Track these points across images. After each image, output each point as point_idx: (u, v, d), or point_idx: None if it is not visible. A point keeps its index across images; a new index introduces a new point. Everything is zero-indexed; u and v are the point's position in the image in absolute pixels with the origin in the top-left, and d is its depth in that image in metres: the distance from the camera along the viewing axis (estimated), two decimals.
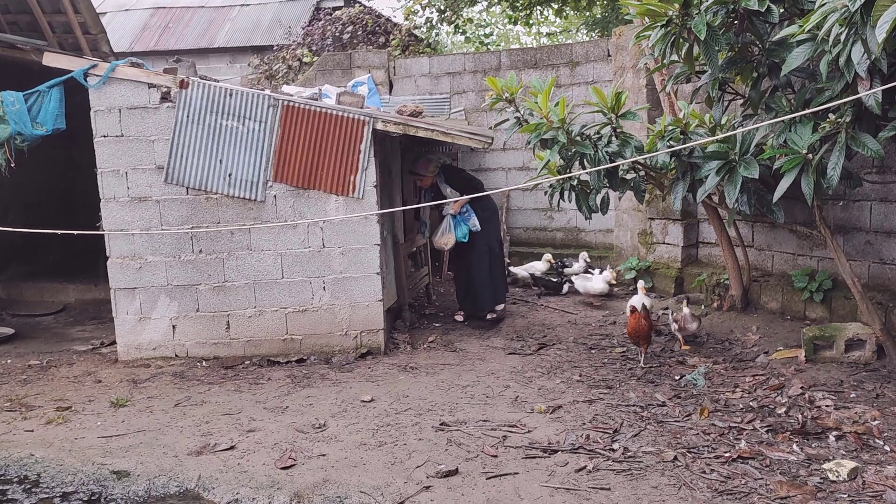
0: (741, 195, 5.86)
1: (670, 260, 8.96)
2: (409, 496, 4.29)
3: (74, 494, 4.46)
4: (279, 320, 7.08)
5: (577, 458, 4.74)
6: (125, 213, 6.94)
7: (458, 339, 7.64)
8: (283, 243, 7.01)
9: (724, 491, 4.23)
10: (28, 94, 6.74)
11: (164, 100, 6.87)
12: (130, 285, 7.00)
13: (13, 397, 6.14)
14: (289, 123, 6.89)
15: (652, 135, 6.59)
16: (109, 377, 6.68)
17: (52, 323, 8.79)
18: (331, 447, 5.03)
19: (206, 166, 6.89)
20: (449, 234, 8.06)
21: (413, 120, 7.16)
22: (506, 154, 11.02)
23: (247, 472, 4.66)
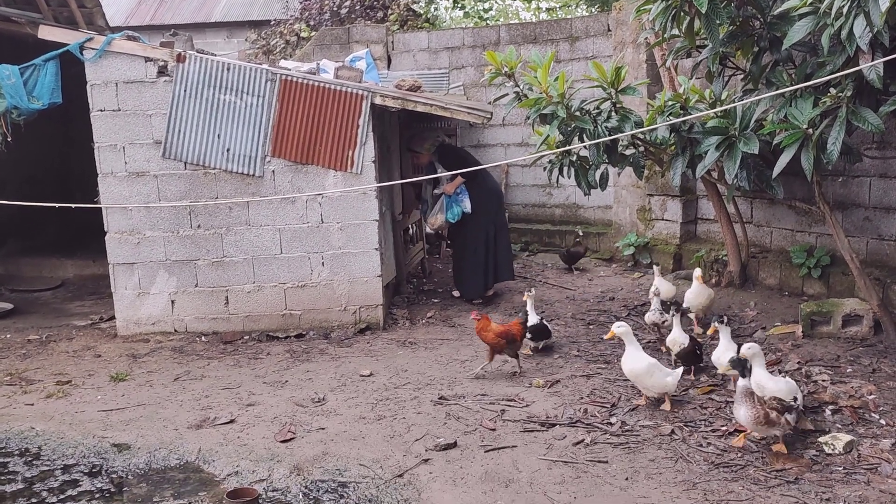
0: (741, 171, 5.84)
1: (669, 236, 8.95)
2: (408, 469, 4.33)
3: (75, 467, 4.49)
4: (278, 296, 7.09)
5: (575, 431, 4.78)
6: (123, 188, 6.92)
7: (457, 314, 7.65)
8: (281, 219, 7.00)
9: (720, 464, 4.26)
10: (24, 67, 6.69)
11: (161, 74, 6.82)
12: (129, 260, 7.00)
13: (13, 371, 6.16)
14: (287, 98, 6.85)
15: (652, 110, 6.55)
16: (109, 352, 6.69)
17: (50, 298, 8.79)
18: (330, 421, 5.06)
19: (204, 141, 6.86)
20: (439, 215, 8.01)
21: (412, 94, 7.12)
22: (505, 130, 10.97)
23: (247, 446, 4.69)
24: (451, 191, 7.93)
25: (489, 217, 8.08)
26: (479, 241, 8.02)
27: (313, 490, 4.14)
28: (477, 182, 8.06)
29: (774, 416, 4.19)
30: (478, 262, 8.02)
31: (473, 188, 8.00)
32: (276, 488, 4.15)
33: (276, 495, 4.09)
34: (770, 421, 4.19)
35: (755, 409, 4.20)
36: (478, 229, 8.00)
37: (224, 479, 4.30)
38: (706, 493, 3.94)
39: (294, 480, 4.23)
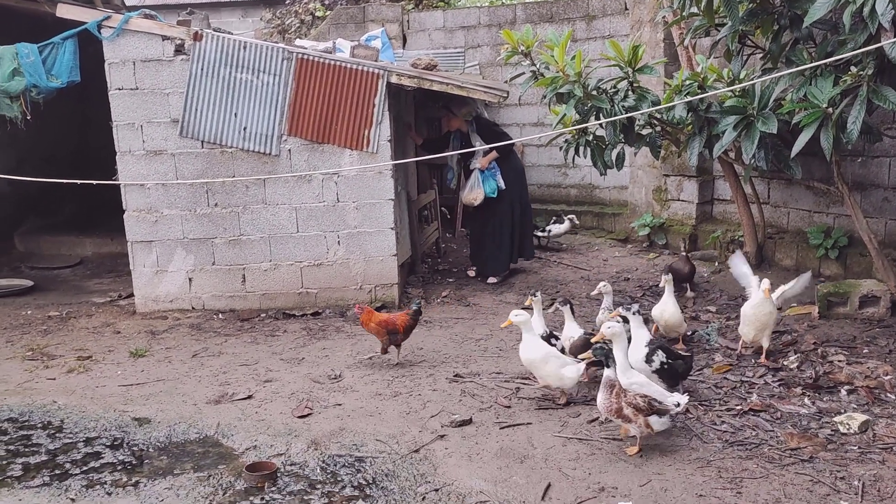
0: (758, 151, 5.80)
1: (685, 217, 8.92)
2: (424, 444, 4.37)
3: (97, 440, 4.56)
4: (294, 274, 7.14)
5: (590, 409, 4.80)
6: (141, 166, 6.96)
7: (471, 294, 7.68)
8: (297, 197, 7.03)
9: (734, 442, 4.28)
10: (42, 46, 6.72)
11: (178, 52, 6.84)
12: (147, 238, 7.06)
13: (35, 347, 6.26)
14: (303, 77, 6.86)
15: (669, 89, 6.51)
16: (128, 328, 6.78)
17: (69, 276, 8.89)
18: (346, 397, 5.11)
19: (221, 120, 6.89)
20: (478, 190, 7.97)
21: (428, 73, 7.10)
22: (520, 109, 10.92)
23: (264, 421, 4.75)
24: (486, 165, 7.93)
25: (516, 195, 8.11)
26: (505, 219, 8.03)
27: (330, 464, 4.19)
28: (508, 160, 8.08)
29: (630, 412, 4.04)
30: (503, 241, 8.04)
31: (504, 165, 8.01)
32: (294, 462, 4.21)
33: (294, 469, 4.14)
34: (623, 415, 4.07)
35: (609, 400, 4.10)
36: (504, 207, 8.02)
37: (243, 452, 4.36)
38: (720, 471, 3.96)
39: (312, 455, 4.28)
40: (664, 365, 4.70)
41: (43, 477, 4.11)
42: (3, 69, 6.61)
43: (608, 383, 4.14)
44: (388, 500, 3.79)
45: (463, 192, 8.19)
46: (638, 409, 4.05)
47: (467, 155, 8.00)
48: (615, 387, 4.13)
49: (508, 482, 3.92)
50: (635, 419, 4.06)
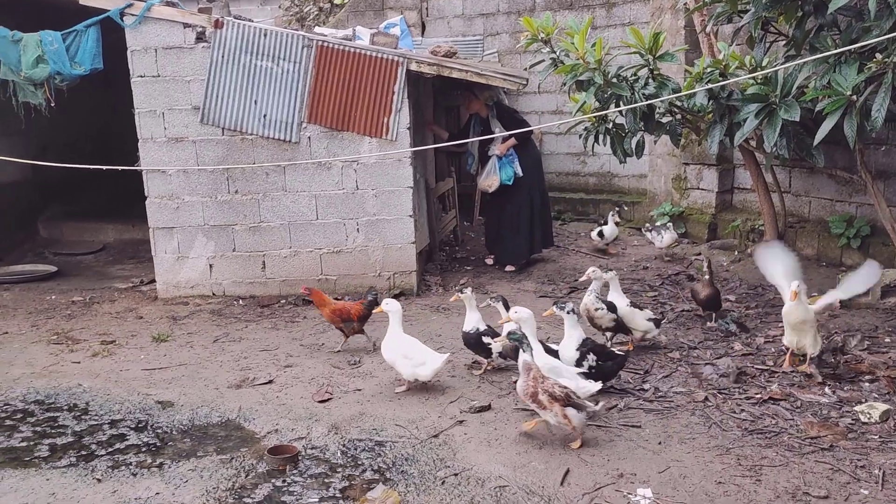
0: (780, 139, 5.74)
1: (704, 205, 8.87)
2: (443, 429, 4.41)
3: (122, 422, 4.64)
4: (314, 261, 7.19)
5: (608, 396, 4.81)
6: (162, 153, 7.02)
7: (489, 282, 7.70)
8: (317, 185, 7.06)
9: (754, 430, 4.28)
10: (66, 33, 6.78)
11: (199, 40, 6.88)
12: (168, 225, 7.13)
13: (59, 331, 6.35)
14: (323, 64, 6.88)
15: (690, 77, 6.46)
16: (150, 314, 6.86)
17: (92, 262, 9.00)
18: (366, 383, 5.16)
19: (242, 107, 6.93)
20: (494, 176, 7.97)
21: (447, 60, 7.09)
22: (539, 97, 10.89)
23: (285, 405, 4.80)
24: (503, 152, 7.92)
25: (534, 184, 8.10)
26: (523, 206, 8.03)
27: (351, 448, 4.23)
28: (526, 147, 8.07)
29: (545, 398, 4.03)
30: (521, 229, 8.04)
31: (522, 153, 8.00)
32: (314, 446, 4.26)
33: (315, 453, 4.19)
34: (538, 401, 4.06)
35: (526, 383, 4.12)
36: (522, 195, 8.01)
37: (264, 436, 4.41)
38: (739, 459, 3.97)
39: (332, 439, 4.33)
40: (592, 369, 4.69)
41: (70, 458, 4.19)
42: (28, 57, 6.68)
43: (525, 367, 4.16)
44: (408, 484, 3.82)
45: (480, 178, 8.19)
46: (554, 398, 4.03)
47: (486, 141, 7.99)
48: (531, 370, 4.15)
49: (527, 467, 3.95)
50: (550, 407, 4.04)
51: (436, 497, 3.70)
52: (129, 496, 3.75)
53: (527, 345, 4.23)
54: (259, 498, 3.76)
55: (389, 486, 3.82)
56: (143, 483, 3.88)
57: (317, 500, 3.73)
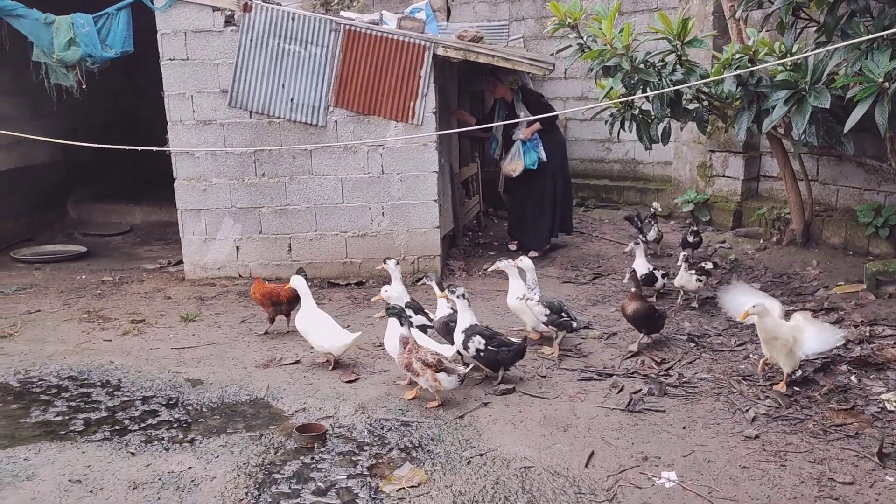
0: (809, 126, 5.70)
1: (729, 193, 8.82)
2: (468, 411, 4.46)
3: (153, 398, 4.73)
4: (339, 244, 7.25)
5: (633, 381, 4.84)
6: (191, 135, 7.11)
7: None
8: (343, 169, 7.12)
9: (778, 417, 4.29)
10: (97, 16, 6.87)
11: (227, 23, 6.94)
12: (196, 207, 7.22)
13: (90, 310, 6.47)
14: (350, 48, 6.91)
15: (717, 63, 6.41)
16: (178, 294, 6.96)
17: (120, 243, 9.13)
18: (391, 364, 5.19)
19: (269, 90, 6.98)
20: (518, 161, 7.97)
21: (474, 45, 7.10)
22: (564, 83, 10.85)
23: (312, 385, 4.88)
24: (528, 136, 7.92)
25: (558, 169, 8.10)
26: (546, 192, 8.03)
27: (377, 428, 4.30)
28: (551, 132, 8.06)
29: (418, 366, 4.37)
30: (543, 214, 8.05)
31: (546, 138, 7.99)
32: (342, 425, 4.33)
33: (342, 431, 4.26)
34: (412, 369, 4.40)
35: (402, 355, 4.46)
36: (546, 180, 8.02)
37: (292, 414, 4.49)
38: (764, 444, 3.98)
39: (359, 418, 4.40)
40: (480, 352, 4.73)
41: (104, 432, 4.29)
42: (60, 39, 6.78)
43: (402, 340, 4.47)
44: (435, 464, 3.88)
45: (503, 161, 8.20)
46: (426, 364, 4.37)
47: (511, 126, 7.99)
48: (408, 343, 4.45)
49: (552, 449, 3.99)
50: (423, 373, 4.38)
51: (462, 476, 3.75)
52: (162, 469, 3.84)
53: (405, 319, 4.51)
54: (288, 474, 3.83)
55: (416, 465, 3.88)
56: (176, 457, 3.97)
57: (344, 477, 3.80)
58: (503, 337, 4.86)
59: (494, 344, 4.75)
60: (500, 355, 4.75)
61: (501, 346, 4.76)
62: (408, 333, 4.50)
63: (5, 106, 8.42)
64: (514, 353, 4.78)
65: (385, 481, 3.74)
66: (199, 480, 3.74)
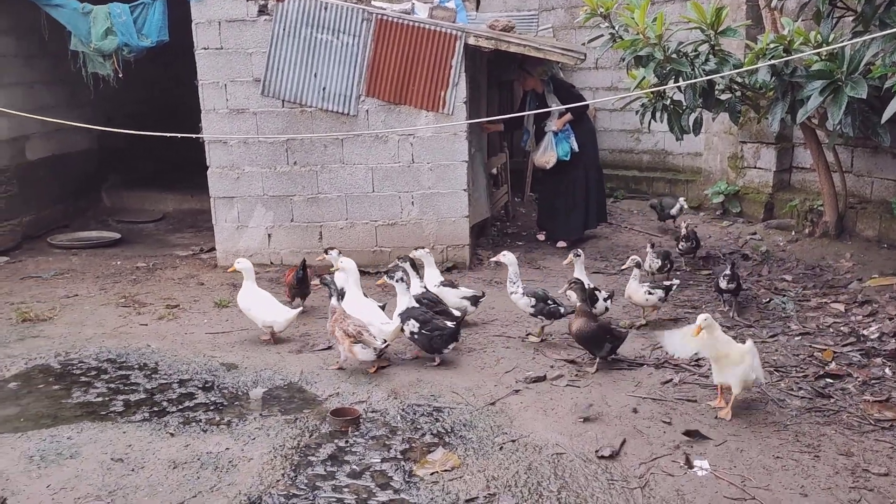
0: (845, 117, 5.63)
1: (761, 185, 8.75)
2: (499, 398, 4.50)
3: (190, 382, 4.83)
4: (369, 233, 7.31)
5: (663, 371, 4.85)
6: (224, 124, 7.19)
7: (541, 257, 7.74)
8: (374, 158, 7.16)
9: (812, 408, 4.28)
10: (134, 6, 6.97)
11: (261, 13, 7.00)
12: (229, 194, 7.31)
13: (126, 294, 6.59)
14: (382, 38, 6.94)
15: (751, 53, 6.36)
16: (211, 280, 7.07)
17: (153, 230, 9.27)
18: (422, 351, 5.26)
19: (302, 80, 7.04)
20: (551, 152, 7.96)
21: (505, 35, 7.09)
22: (594, 73, 10.80)
23: (345, 370, 4.94)
24: (560, 127, 7.91)
25: (590, 159, 8.08)
26: (578, 183, 8.02)
27: (410, 413, 4.35)
28: (582, 122, 8.04)
29: (339, 334, 4.76)
30: (576, 204, 8.04)
31: (578, 128, 7.97)
32: (375, 409, 4.38)
33: (375, 416, 4.32)
34: (336, 336, 4.81)
35: (329, 323, 4.85)
36: (578, 171, 8.00)
37: (326, 399, 4.55)
38: (798, 435, 3.98)
39: (392, 403, 4.45)
40: (414, 334, 4.90)
41: (143, 413, 4.39)
42: (97, 29, 6.89)
43: (331, 310, 4.86)
44: (467, 449, 3.93)
45: (535, 154, 8.19)
46: (346, 334, 4.72)
47: (541, 116, 7.98)
48: (336, 313, 4.82)
49: (584, 436, 4.01)
50: (342, 342, 4.75)
51: (494, 461, 3.79)
52: (200, 450, 3.92)
53: (333, 289, 4.89)
54: (323, 456, 3.89)
55: (449, 449, 3.92)
56: (213, 439, 4.05)
57: (379, 460, 3.86)
58: (438, 321, 4.99)
59: (428, 328, 4.90)
60: (434, 339, 4.89)
61: (435, 329, 4.90)
62: (336, 304, 4.86)
63: (44, 95, 8.57)
64: (447, 337, 4.91)
65: (418, 465, 3.80)
66: (237, 461, 3.82)
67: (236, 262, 5.60)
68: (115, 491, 3.58)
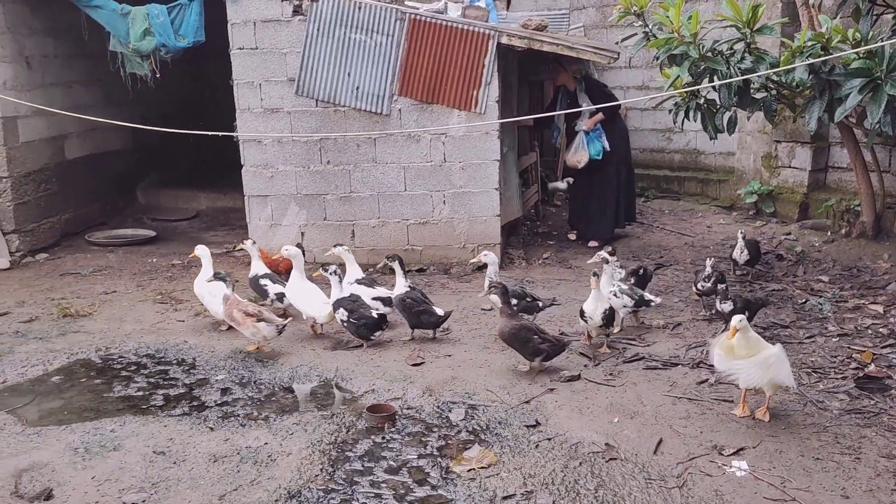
0: (885, 115, 5.55)
1: (795, 185, 8.65)
2: (534, 396, 4.50)
3: (228, 377, 4.89)
4: (401, 231, 7.35)
5: (698, 372, 4.82)
6: (258, 123, 7.27)
7: (573, 256, 7.72)
8: (406, 157, 7.20)
9: (851, 410, 4.23)
10: (171, 7, 7.08)
11: (295, 13, 7.07)
12: (263, 193, 7.39)
13: (163, 291, 6.70)
14: (415, 37, 6.98)
15: (787, 50, 6.29)
16: (245, 278, 7.11)
17: (186, 227, 9.39)
18: (456, 349, 5.29)
19: (335, 79, 7.10)
20: (582, 152, 7.93)
21: (538, 34, 7.09)
22: (625, 72, 10.75)
23: (380, 367, 4.98)
24: (591, 126, 7.89)
25: (622, 158, 8.05)
26: (610, 182, 7.98)
27: (445, 410, 4.37)
28: (614, 122, 8.01)
29: (239, 316, 5.05)
30: (608, 204, 8.01)
31: (609, 127, 7.94)
32: (410, 406, 4.41)
33: (411, 413, 4.35)
34: (234, 319, 5.09)
35: (225, 307, 5.17)
36: (610, 170, 7.97)
37: (361, 395, 4.59)
38: (837, 437, 3.94)
39: (427, 400, 4.48)
40: (344, 322, 5.26)
41: (182, 407, 4.46)
42: (136, 29, 7.00)
43: (224, 298, 5.23)
44: (503, 446, 3.94)
45: (567, 153, 8.16)
46: (248, 314, 5.05)
47: (572, 115, 7.96)
48: (229, 299, 5.18)
49: (620, 436, 4.01)
50: (244, 322, 5.04)
51: (530, 460, 3.81)
52: (240, 444, 3.98)
53: (228, 283, 5.28)
54: (360, 452, 3.93)
55: (485, 447, 3.94)
56: (252, 433, 4.11)
57: (415, 456, 3.89)
58: (365, 310, 5.30)
59: (355, 317, 5.23)
60: (360, 327, 5.23)
61: (362, 318, 5.23)
62: (230, 293, 5.22)
63: (82, 95, 8.72)
64: (371, 325, 5.25)
65: (455, 462, 3.82)
66: (276, 455, 3.87)
67: (196, 248, 6.02)
68: (157, 483, 3.64)
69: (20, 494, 3.57)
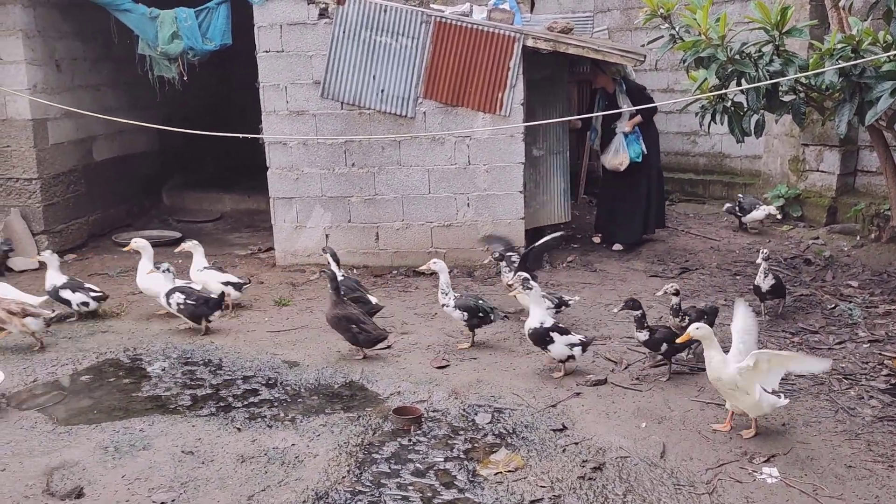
0: None
1: (823, 188, 8.55)
2: (560, 400, 4.48)
3: (253, 378, 4.92)
4: (425, 234, 7.36)
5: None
6: (284, 125, 7.31)
7: (598, 260, 7.68)
8: (430, 160, 7.21)
9: (884, 417, 4.17)
10: (199, 10, 7.14)
11: (321, 16, 7.10)
12: (288, 195, 7.43)
13: None
14: (440, 40, 6.98)
15: (817, 53, 6.22)
16: (270, 279, 7.19)
17: (211, 229, 9.46)
18: (481, 352, 5.28)
19: (360, 82, 7.12)
20: (623, 154, 7.83)
21: (563, 37, 7.07)
22: (651, 75, 10.67)
23: (405, 370, 4.98)
24: (630, 129, 7.84)
25: (653, 162, 8.00)
26: (641, 186, 7.92)
27: (471, 413, 4.37)
28: (649, 125, 7.97)
29: (3, 315, 5.06)
30: (637, 208, 7.94)
31: (644, 130, 7.89)
32: (436, 409, 4.41)
33: (436, 415, 4.34)
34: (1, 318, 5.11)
35: None
36: (642, 174, 7.91)
37: (387, 397, 4.60)
38: (870, 444, 3.88)
39: (452, 403, 4.47)
40: (180, 305, 5.57)
41: (210, 408, 4.50)
42: (164, 32, 7.07)
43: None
44: (530, 450, 3.93)
45: (606, 155, 8.05)
46: (12, 313, 5.07)
47: (610, 117, 7.91)
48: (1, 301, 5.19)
49: (648, 440, 3.98)
50: (10, 320, 5.07)
51: (557, 463, 3.79)
52: (267, 445, 4.00)
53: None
54: (387, 454, 3.94)
55: (512, 450, 3.93)
56: (279, 434, 4.13)
57: (442, 459, 3.89)
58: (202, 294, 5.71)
59: (192, 299, 5.60)
60: (197, 309, 5.57)
61: (199, 300, 5.60)
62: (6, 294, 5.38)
63: (109, 97, 8.82)
64: (211, 306, 5.60)
65: (482, 465, 3.81)
66: (303, 457, 3.88)
67: (132, 241, 6.24)
68: (186, 483, 3.67)
69: (52, 492, 3.61)
